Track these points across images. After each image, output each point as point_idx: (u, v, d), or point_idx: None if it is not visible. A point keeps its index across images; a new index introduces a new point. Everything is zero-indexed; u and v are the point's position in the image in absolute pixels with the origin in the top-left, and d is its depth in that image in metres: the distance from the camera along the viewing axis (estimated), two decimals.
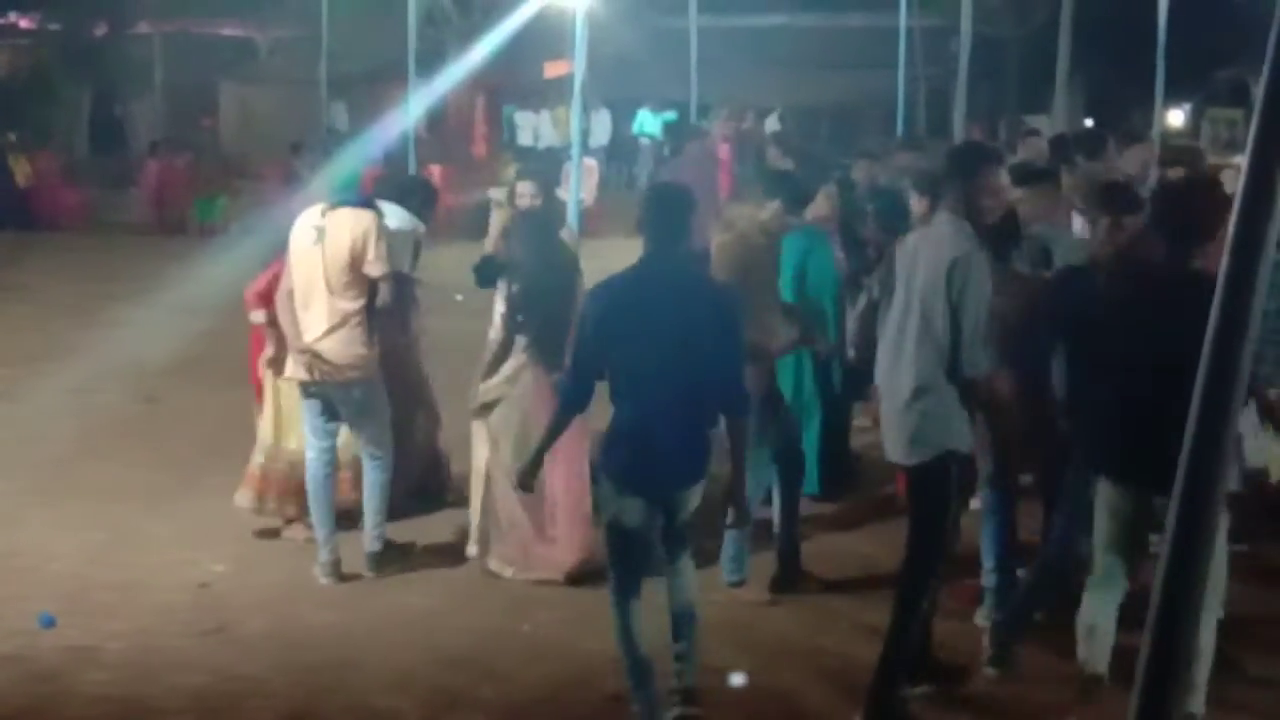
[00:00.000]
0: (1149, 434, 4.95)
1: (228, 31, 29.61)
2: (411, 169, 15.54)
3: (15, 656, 6.42)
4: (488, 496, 7.55)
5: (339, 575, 7.49)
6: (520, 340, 7.46)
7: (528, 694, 6.19)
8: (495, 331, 7.67)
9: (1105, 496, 5.56)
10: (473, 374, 7.76)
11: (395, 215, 8.05)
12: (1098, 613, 5.59)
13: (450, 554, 7.86)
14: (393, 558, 7.66)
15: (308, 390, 7.47)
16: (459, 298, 13.32)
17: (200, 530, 8.16)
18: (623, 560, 5.75)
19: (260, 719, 5.94)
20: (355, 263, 7.26)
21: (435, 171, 22.25)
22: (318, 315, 7.32)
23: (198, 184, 22.52)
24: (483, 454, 7.65)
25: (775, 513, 7.43)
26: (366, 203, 7.52)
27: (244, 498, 8.12)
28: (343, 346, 7.33)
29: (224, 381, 10.89)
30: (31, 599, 7.07)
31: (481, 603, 7.22)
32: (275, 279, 7.75)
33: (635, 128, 25.55)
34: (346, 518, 7.75)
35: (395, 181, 9.32)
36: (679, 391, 5.50)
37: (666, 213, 5.71)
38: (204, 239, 19.90)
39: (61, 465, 9.40)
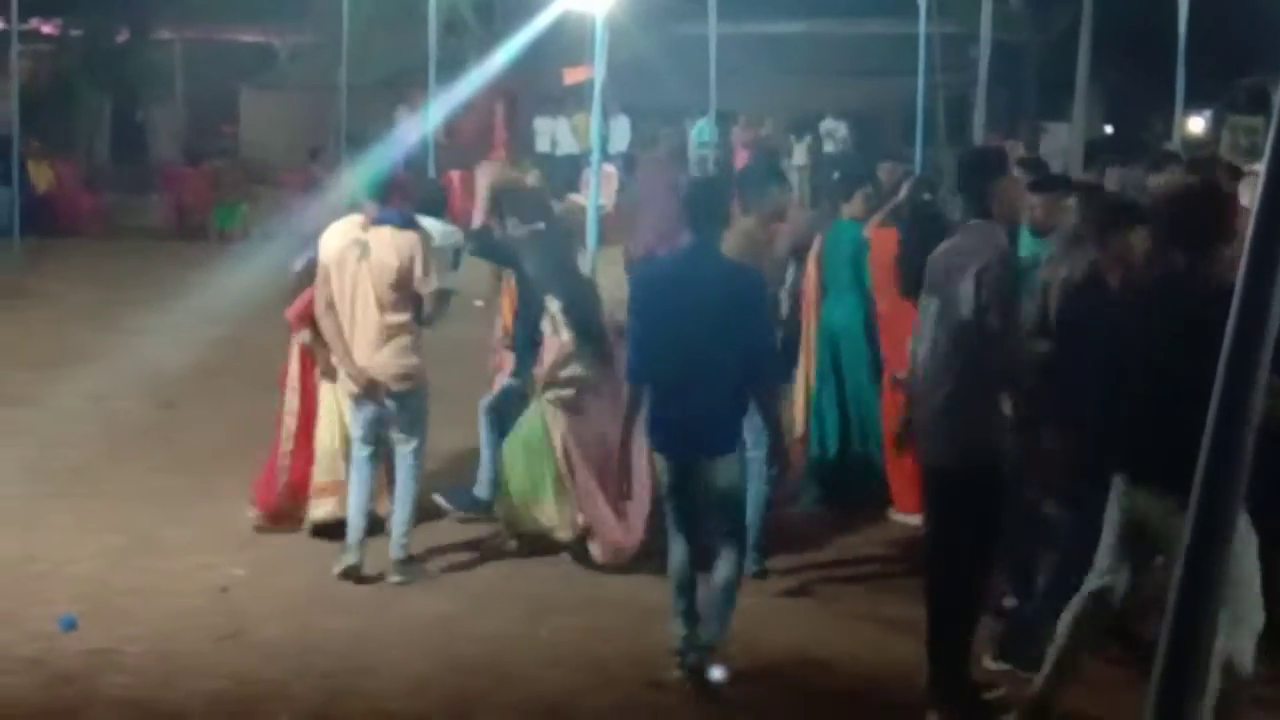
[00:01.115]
0: (1167, 437, 4.94)
1: (248, 38, 29.71)
2: (431, 175, 15.58)
3: (36, 659, 6.45)
4: (563, 478, 7.81)
5: (360, 580, 7.52)
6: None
7: (545, 700, 6.20)
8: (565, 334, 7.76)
9: (1120, 502, 5.50)
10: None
11: (435, 228, 8.16)
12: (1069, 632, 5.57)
13: (467, 561, 7.89)
14: (418, 564, 7.70)
15: (360, 401, 7.54)
16: (479, 303, 13.35)
17: (218, 535, 8.19)
18: (673, 517, 6.36)
19: None
20: (403, 281, 7.38)
21: (455, 178, 22.32)
22: (366, 331, 7.42)
23: (218, 190, 22.60)
24: (549, 435, 7.83)
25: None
26: (409, 221, 7.58)
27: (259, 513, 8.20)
28: (394, 359, 7.45)
29: (243, 387, 10.93)
30: (52, 602, 7.10)
31: (499, 609, 7.23)
32: (311, 299, 7.82)
33: (695, 136, 25.45)
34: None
35: (412, 190, 9.36)
36: (707, 365, 6.03)
37: (702, 203, 6.34)
38: (224, 245, 19.96)
39: (81, 470, 9.44)
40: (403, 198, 7.76)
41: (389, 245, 7.38)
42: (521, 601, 7.32)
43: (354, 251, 7.39)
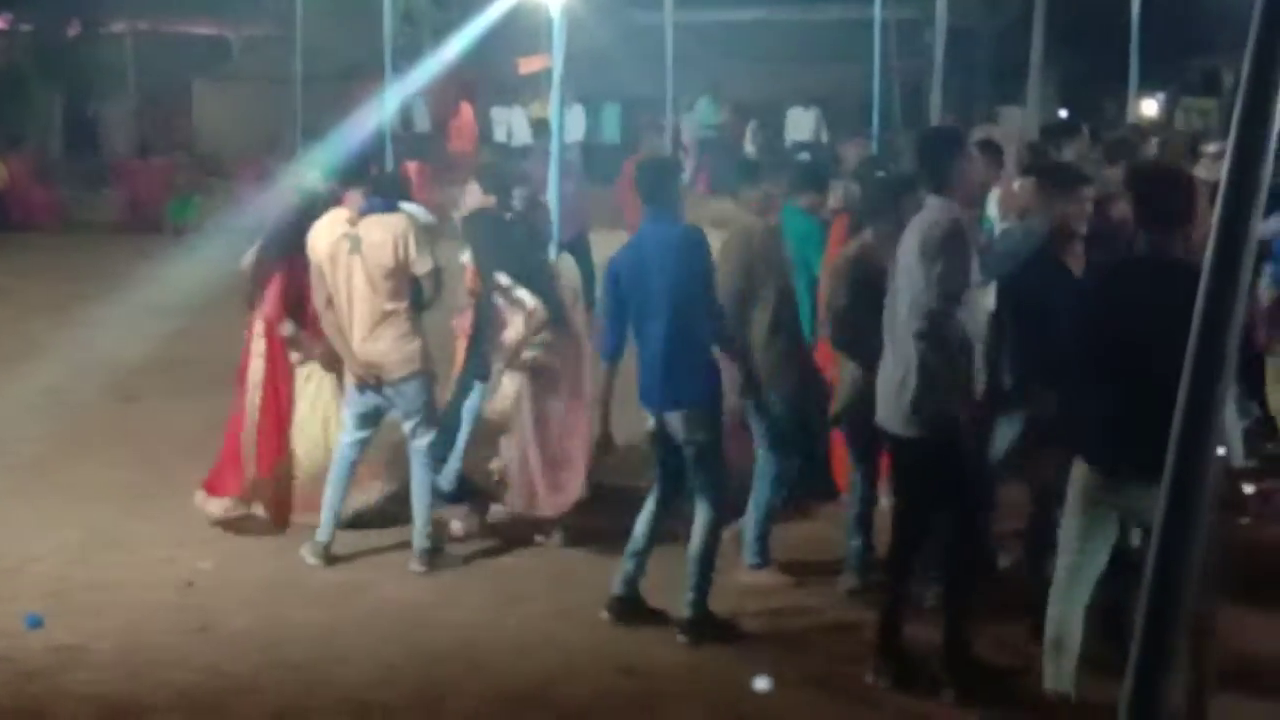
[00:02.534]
0: (1135, 421, 4.98)
1: (201, 30, 29.48)
2: (389, 166, 15.51)
3: (3, 657, 6.40)
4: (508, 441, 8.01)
5: (329, 560, 7.57)
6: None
7: (516, 687, 6.21)
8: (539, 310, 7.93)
9: (1082, 486, 5.46)
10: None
11: (419, 212, 8.22)
12: (1064, 623, 5.52)
13: (451, 567, 7.77)
14: (442, 554, 7.73)
15: (362, 388, 7.58)
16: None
17: (182, 529, 8.13)
18: (657, 465, 6.94)
19: (249, 715, 5.94)
20: (399, 267, 7.44)
21: (412, 168, 22.22)
22: (363, 322, 7.47)
23: (172, 184, 22.44)
24: (508, 401, 7.97)
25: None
26: (392, 206, 7.66)
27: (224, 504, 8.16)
28: (393, 345, 7.50)
29: (202, 380, 10.86)
30: (16, 599, 7.05)
31: (467, 597, 7.23)
32: (283, 291, 7.89)
33: (699, 117, 25.36)
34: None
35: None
36: (666, 325, 6.58)
37: (650, 181, 6.91)
38: (178, 239, 19.83)
39: (40, 465, 9.37)
40: (375, 182, 7.81)
41: (380, 233, 7.44)
42: (489, 589, 7.32)
43: (344, 245, 7.44)
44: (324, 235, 7.53)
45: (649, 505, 6.91)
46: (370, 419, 7.73)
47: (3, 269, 17.65)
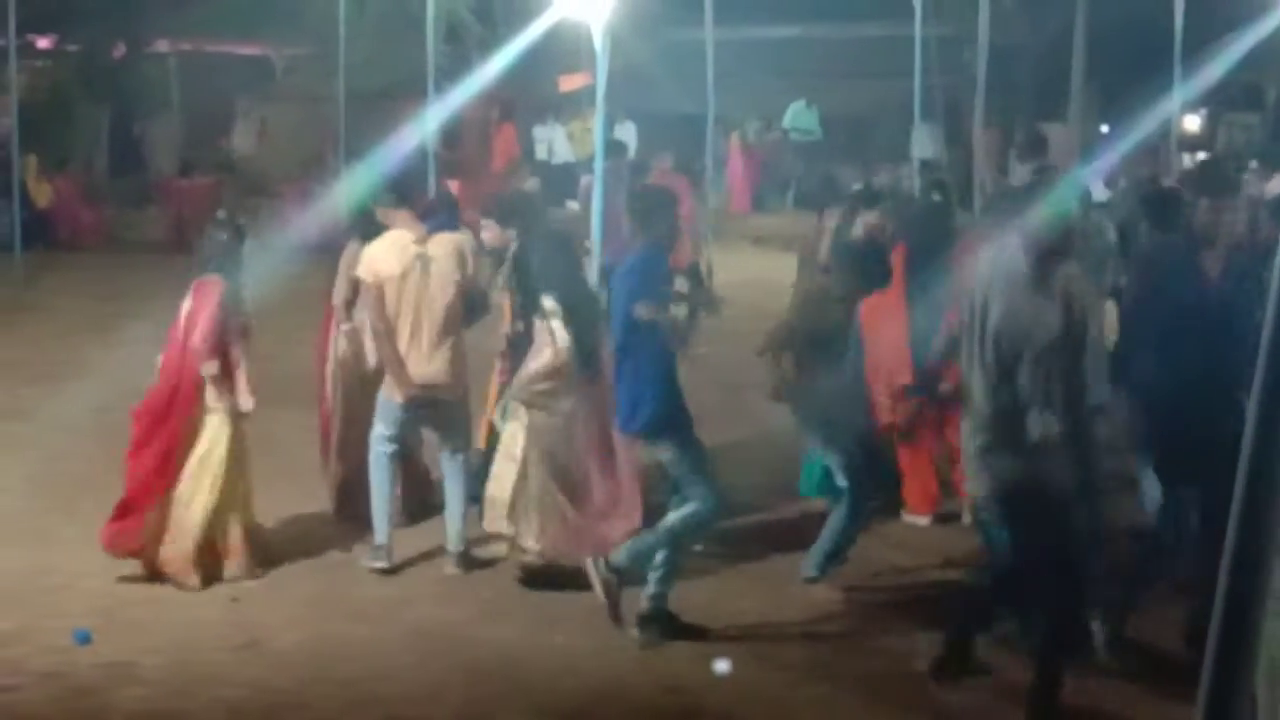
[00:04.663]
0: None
1: (244, 50, 29.71)
2: (430, 185, 15.59)
3: (53, 673, 6.47)
4: (523, 483, 7.54)
5: (393, 565, 7.69)
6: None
7: (560, 706, 6.23)
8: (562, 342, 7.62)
9: None
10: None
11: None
12: None
13: (480, 567, 7.88)
14: (476, 556, 7.85)
15: (409, 405, 7.68)
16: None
17: None
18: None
19: None
20: (465, 283, 7.64)
21: (453, 187, 22.27)
22: (425, 341, 7.59)
23: (216, 202, 22.58)
24: (519, 442, 7.57)
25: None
26: (455, 224, 7.92)
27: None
28: (450, 364, 7.66)
29: None
30: (66, 616, 7.12)
31: (512, 615, 7.25)
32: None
33: (787, 121, 25.25)
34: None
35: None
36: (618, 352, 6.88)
37: (636, 211, 7.14)
38: None
39: (87, 483, 9.42)
40: (437, 201, 7.91)
41: (450, 253, 7.61)
42: (533, 608, 7.34)
43: (416, 265, 7.56)
44: (392, 255, 7.60)
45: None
46: (406, 430, 7.88)
47: (49, 288, 17.79)
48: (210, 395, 7.69)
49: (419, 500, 8.57)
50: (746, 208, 24.81)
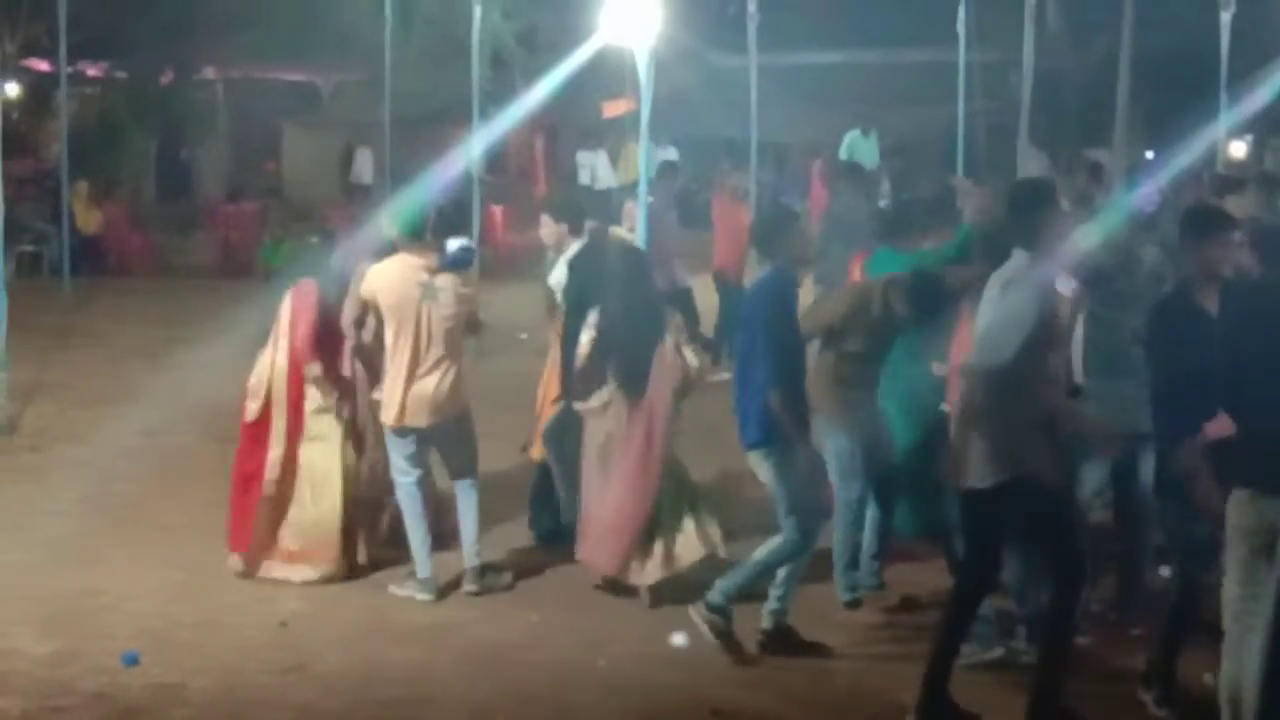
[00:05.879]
0: None
1: (290, 76, 29.99)
2: (475, 210, 15.67)
3: (102, 694, 6.52)
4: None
5: (441, 594, 7.75)
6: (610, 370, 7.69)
7: None
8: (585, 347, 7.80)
9: (1238, 519, 5.19)
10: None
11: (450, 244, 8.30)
12: (1237, 680, 5.14)
13: (523, 592, 7.93)
14: (491, 574, 7.91)
15: (403, 431, 7.74)
16: (523, 336, 13.46)
17: None
18: None
19: None
20: (471, 316, 7.85)
21: (497, 212, 22.40)
22: (428, 367, 7.68)
23: (263, 227, 22.78)
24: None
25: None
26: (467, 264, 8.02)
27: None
28: (452, 393, 7.76)
29: None
30: (114, 637, 7.17)
31: (557, 639, 7.26)
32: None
33: (844, 153, 25.22)
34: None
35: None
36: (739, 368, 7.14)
37: (757, 234, 7.56)
38: (270, 282, 20.09)
39: (138, 505, 9.53)
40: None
41: (456, 286, 7.73)
42: (579, 631, 7.35)
43: (419, 294, 7.64)
44: (395, 280, 7.67)
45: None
46: (419, 458, 7.89)
47: (99, 313, 17.96)
48: (316, 396, 8.03)
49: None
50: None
